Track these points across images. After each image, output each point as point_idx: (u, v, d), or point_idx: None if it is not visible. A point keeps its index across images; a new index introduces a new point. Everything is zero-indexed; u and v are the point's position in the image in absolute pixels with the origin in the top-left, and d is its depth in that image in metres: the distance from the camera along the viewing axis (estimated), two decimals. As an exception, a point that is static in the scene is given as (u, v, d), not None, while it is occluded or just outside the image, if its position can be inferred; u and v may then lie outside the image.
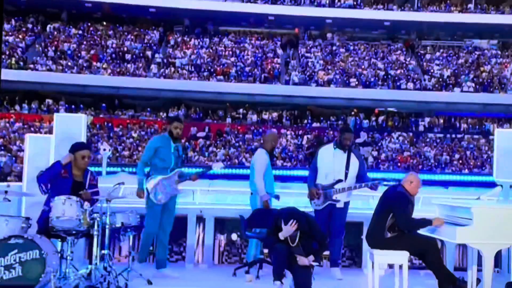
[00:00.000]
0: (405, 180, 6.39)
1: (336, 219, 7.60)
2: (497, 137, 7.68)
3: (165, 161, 7.26)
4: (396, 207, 6.17)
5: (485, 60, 36.65)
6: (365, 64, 35.97)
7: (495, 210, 5.87)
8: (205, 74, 34.56)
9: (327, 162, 7.56)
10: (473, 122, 34.24)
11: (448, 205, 6.42)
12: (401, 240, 6.18)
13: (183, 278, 7.31)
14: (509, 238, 5.86)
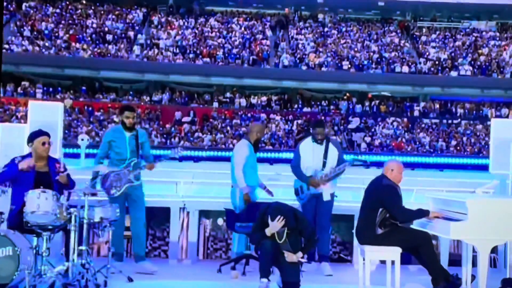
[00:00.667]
0: (386, 169, 6.38)
1: (323, 212, 7.66)
2: (494, 127, 7.69)
3: (120, 154, 7.29)
4: (386, 202, 6.18)
5: (483, 42, 36.75)
6: (358, 47, 35.95)
7: (490, 204, 5.88)
8: (191, 56, 34.41)
9: (307, 156, 7.69)
10: (470, 107, 34.40)
11: (442, 199, 6.43)
12: (393, 236, 6.19)
13: (166, 274, 7.28)
14: (505, 233, 5.88)
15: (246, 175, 7.62)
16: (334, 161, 7.69)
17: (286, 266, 6.24)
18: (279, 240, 6.26)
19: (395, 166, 6.38)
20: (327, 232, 7.70)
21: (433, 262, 6.18)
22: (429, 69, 34.33)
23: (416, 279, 7.06)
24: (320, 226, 7.60)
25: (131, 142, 7.33)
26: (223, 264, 7.43)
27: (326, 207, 7.66)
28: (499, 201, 5.91)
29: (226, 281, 7.06)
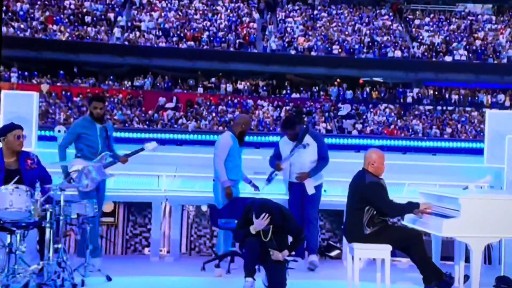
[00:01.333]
0: (366, 162, 6.32)
1: (309, 205, 7.71)
2: (489, 118, 7.72)
3: (92, 147, 7.26)
4: (372, 200, 6.16)
5: (479, 26, 36.85)
6: (349, 30, 35.93)
7: (484, 201, 5.91)
8: (174, 39, 34.22)
9: (284, 152, 7.79)
10: (465, 93, 34.55)
11: (434, 195, 6.45)
12: (383, 234, 6.18)
13: (147, 272, 7.27)
14: (499, 231, 5.93)
15: (229, 169, 7.62)
16: (312, 153, 7.70)
17: (272, 265, 6.25)
18: (264, 238, 6.26)
19: (376, 158, 6.32)
20: (315, 225, 7.74)
21: (425, 261, 6.19)
22: (423, 53, 34.40)
23: (406, 277, 7.09)
24: (307, 219, 7.65)
25: (102, 134, 7.30)
26: (207, 261, 7.42)
27: (312, 199, 7.70)
28: (493, 198, 5.95)
29: (210, 279, 7.04)
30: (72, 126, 7.52)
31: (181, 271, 7.43)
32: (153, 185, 8.15)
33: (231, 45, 34.26)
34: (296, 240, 6.39)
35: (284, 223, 6.29)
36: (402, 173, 8.78)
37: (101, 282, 6.59)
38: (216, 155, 7.63)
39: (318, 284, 7.15)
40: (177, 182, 8.24)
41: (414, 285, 6.66)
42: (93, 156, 7.23)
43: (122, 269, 7.33)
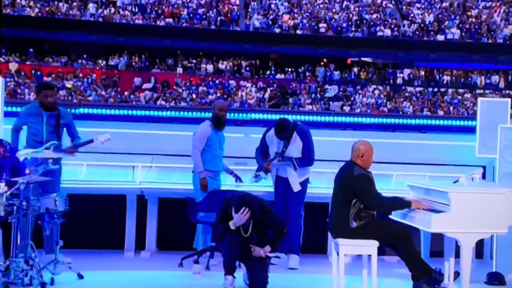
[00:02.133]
0: (355, 154, 6.32)
1: (292, 200, 7.71)
2: (481, 107, 7.74)
3: (36, 135, 7.19)
4: (360, 193, 6.17)
5: (473, 3, 36.92)
6: (336, 8, 35.84)
7: (475, 195, 5.94)
8: (152, 16, 33.95)
9: (271, 146, 7.80)
10: (458, 74, 34.69)
11: (423, 188, 6.48)
12: (369, 230, 6.20)
13: (121, 269, 7.26)
14: (491, 226, 5.97)
15: (208, 159, 7.61)
16: (297, 152, 7.71)
17: (252, 261, 6.27)
18: (244, 233, 6.27)
19: (365, 151, 6.32)
20: (298, 222, 7.73)
21: (413, 258, 6.22)
22: (414, 32, 34.43)
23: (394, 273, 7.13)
24: (290, 216, 7.64)
25: (50, 121, 7.21)
26: (185, 257, 7.41)
27: (296, 195, 7.70)
28: (484, 192, 5.96)
29: (187, 276, 7.03)
30: (19, 112, 7.45)
31: (157, 268, 7.42)
32: (127, 176, 8.11)
33: (212, 23, 34.05)
34: (278, 235, 6.39)
35: (265, 217, 6.29)
36: (391, 152, 8.81)
37: (72, 280, 6.55)
38: (193, 145, 7.63)
39: (302, 279, 7.18)
40: (153, 174, 8.20)
41: (402, 280, 6.69)
42: (38, 145, 7.11)
43: (95, 265, 7.30)
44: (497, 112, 7.69)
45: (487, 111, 7.71)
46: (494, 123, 7.58)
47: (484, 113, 7.72)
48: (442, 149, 9.36)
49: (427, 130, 10.52)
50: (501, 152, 7.30)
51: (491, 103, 7.85)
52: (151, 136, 9.75)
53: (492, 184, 7.07)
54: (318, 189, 7.98)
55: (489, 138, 7.60)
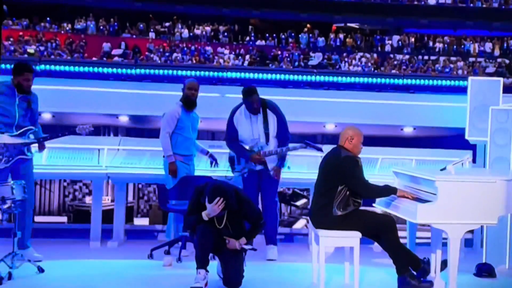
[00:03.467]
0: (343, 138, 6.32)
1: (267, 188, 7.71)
2: (471, 87, 7.73)
3: (6, 117, 6.98)
4: (346, 176, 6.16)
5: (467, -36, 36.81)
6: (321, -33, 35.58)
7: (463, 184, 5.93)
8: (121, -24, 33.51)
9: (244, 130, 7.70)
10: (450, 41, 34.72)
11: (409, 175, 6.47)
12: (352, 219, 6.20)
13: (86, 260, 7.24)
14: (480, 216, 5.96)
15: (179, 143, 7.58)
16: (274, 130, 7.70)
17: (227, 254, 6.26)
18: (218, 225, 6.25)
19: (355, 135, 6.33)
20: (274, 211, 7.74)
21: (398, 250, 6.23)
22: (404, -5, 34.34)
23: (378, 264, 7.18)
24: (265, 204, 7.65)
25: (22, 105, 7.04)
26: (155, 248, 7.40)
27: (270, 182, 7.69)
28: (472, 180, 5.95)
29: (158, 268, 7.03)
30: None
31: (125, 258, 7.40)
32: (92, 160, 8.04)
33: (186, -16, 33.71)
34: (254, 226, 6.39)
35: (241, 208, 6.27)
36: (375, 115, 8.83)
37: (31, 274, 6.50)
38: (161, 128, 7.59)
39: (280, 269, 7.22)
40: (121, 157, 8.14)
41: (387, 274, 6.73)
42: (7, 128, 6.93)
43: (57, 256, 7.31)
44: (489, 92, 7.70)
45: (478, 91, 7.71)
46: (485, 104, 7.61)
47: (475, 93, 7.72)
48: (431, 110, 9.38)
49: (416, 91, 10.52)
50: (492, 136, 7.32)
51: (482, 82, 7.84)
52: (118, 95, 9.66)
53: (482, 170, 7.09)
54: (299, 174, 7.98)
55: (480, 120, 7.62)
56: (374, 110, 9.08)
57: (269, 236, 7.72)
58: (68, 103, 8.76)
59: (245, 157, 7.65)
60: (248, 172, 7.67)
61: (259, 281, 6.49)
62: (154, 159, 8.00)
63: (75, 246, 7.92)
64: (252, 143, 7.65)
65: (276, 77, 9.98)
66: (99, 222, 8.03)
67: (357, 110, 9.18)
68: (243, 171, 7.71)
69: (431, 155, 8.19)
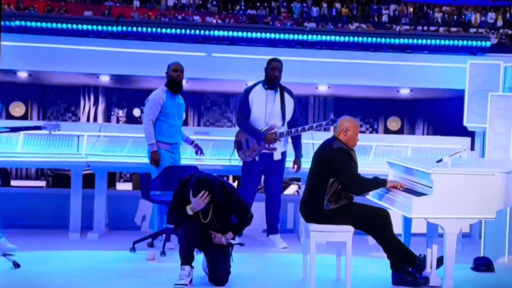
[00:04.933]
0: (339, 129, 6.34)
1: (273, 174, 7.76)
2: (469, 71, 7.70)
3: None
4: (336, 168, 6.17)
5: None
6: None
7: (460, 177, 5.92)
8: None
9: (259, 107, 7.68)
10: (450, 11, 34.62)
11: (404, 166, 6.47)
12: (345, 212, 6.21)
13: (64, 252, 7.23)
14: (477, 210, 5.97)
15: (164, 130, 7.55)
16: (290, 114, 7.76)
17: (213, 249, 6.26)
18: (204, 219, 6.25)
19: (351, 125, 6.33)
20: (278, 198, 7.79)
21: (392, 245, 6.26)
22: (402, -38, 34.17)
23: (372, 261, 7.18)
24: (270, 191, 7.70)
25: None
26: (138, 240, 7.40)
27: (277, 168, 7.77)
28: (470, 173, 5.94)
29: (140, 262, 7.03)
30: None
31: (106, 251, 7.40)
32: (71, 148, 7.99)
33: (172, -52, 33.42)
34: (241, 220, 6.39)
35: (227, 202, 6.26)
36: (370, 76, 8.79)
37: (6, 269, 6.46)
38: (144, 114, 7.57)
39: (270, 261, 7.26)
40: (102, 145, 8.09)
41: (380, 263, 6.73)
42: None
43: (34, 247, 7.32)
44: (488, 76, 7.68)
45: (477, 75, 7.68)
46: (485, 88, 7.59)
47: (473, 77, 7.69)
48: (429, 71, 9.35)
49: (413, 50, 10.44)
50: (491, 123, 7.31)
51: (481, 66, 7.80)
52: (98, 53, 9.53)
53: (480, 162, 7.08)
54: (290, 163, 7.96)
55: (479, 104, 7.61)
56: (369, 71, 9.05)
57: (273, 225, 7.80)
58: (46, 62, 8.65)
59: (259, 137, 7.63)
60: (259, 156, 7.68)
61: (246, 276, 6.49)
62: (137, 147, 7.96)
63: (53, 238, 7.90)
64: (265, 126, 7.67)
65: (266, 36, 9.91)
66: (78, 214, 8.00)
67: (351, 70, 9.14)
68: (254, 155, 7.69)
69: (427, 143, 8.17)
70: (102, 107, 10.00)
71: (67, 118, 9.64)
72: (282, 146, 7.74)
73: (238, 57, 9.07)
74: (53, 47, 8.75)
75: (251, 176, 7.72)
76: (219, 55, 8.46)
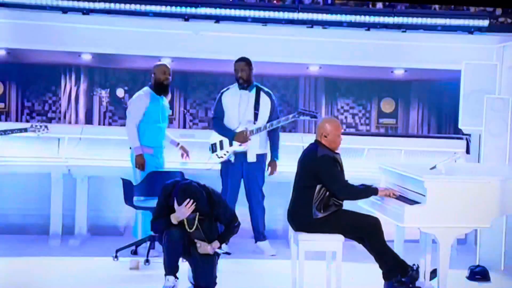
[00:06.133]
0: (319, 133, 6.35)
1: (250, 179, 7.78)
2: (464, 71, 7.70)
3: None
4: (323, 177, 6.18)
5: None
6: None
7: (455, 185, 5.91)
8: None
9: (232, 107, 7.77)
10: None
11: (397, 173, 6.47)
12: (334, 221, 6.21)
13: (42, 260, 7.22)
14: (472, 219, 5.95)
15: (148, 133, 7.54)
16: (266, 114, 7.77)
17: (198, 259, 6.26)
18: (189, 228, 6.24)
19: (331, 129, 6.32)
20: (260, 203, 7.81)
21: (384, 254, 6.27)
22: None
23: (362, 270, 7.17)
24: (250, 197, 7.72)
25: None
26: (121, 248, 7.39)
27: (254, 172, 7.75)
28: (464, 181, 5.95)
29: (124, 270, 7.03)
30: None
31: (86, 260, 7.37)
32: (51, 151, 7.95)
33: None
34: (228, 228, 6.40)
35: (213, 210, 6.27)
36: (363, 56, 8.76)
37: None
38: (127, 117, 7.55)
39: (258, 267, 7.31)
40: (83, 147, 8.06)
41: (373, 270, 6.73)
42: None
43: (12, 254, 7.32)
44: (484, 77, 7.68)
45: (472, 76, 7.68)
46: (480, 89, 7.60)
47: (469, 78, 7.69)
48: (425, 50, 9.32)
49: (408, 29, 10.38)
50: (487, 126, 7.31)
51: (477, 66, 7.78)
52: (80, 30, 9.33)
53: (475, 168, 7.06)
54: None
55: (474, 107, 7.61)
56: (362, 51, 8.96)
57: (260, 232, 7.84)
58: (25, 39, 8.52)
59: (229, 136, 7.69)
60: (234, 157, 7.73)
61: (233, 286, 6.53)
62: (119, 149, 7.92)
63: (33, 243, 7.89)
64: (239, 127, 7.72)
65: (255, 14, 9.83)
66: (59, 220, 7.99)
67: (343, 50, 9.04)
68: (227, 156, 7.74)
69: (421, 146, 8.18)
70: (84, 87, 9.89)
71: (47, 98, 9.50)
72: (257, 147, 7.75)
73: (226, 36, 8.98)
74: (32, 24, 8.60)
75: (229, 179, 7.77)
76: (207, 33, 8.40)
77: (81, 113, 8.61)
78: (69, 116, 8.27)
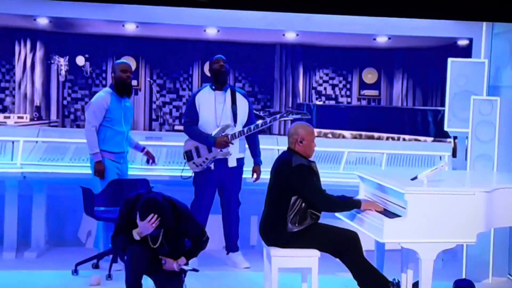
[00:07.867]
0: (292, 140, 6.33)
1: (228, 185, 7.79)
2: (451, 70, 7.69)
3: None
4: (299, 188, 6.16)
5: None
6: None
7: (437, 197, 5.89)
8: None
9: (207, 110, 7.69)
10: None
11: (376, 183, 6.46)
12: (310, 235, 6.21)
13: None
14: (456, 234, 5.93)
15: (109, 137, 7.49)
16: (245, 116, 7.77)
17: (163, 277, 6.24)
18: (153, 244, 6.20)
19: (305, 135, 6.30)
20: (235, 210, 7.83)
21: (362, 270, 6.26)
22: None
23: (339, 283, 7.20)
24: (227, 206, 7.72)
25: None
26: (80, 262, 7.37)
27: (233, 177, 7.78)
28: (447, 193, 5.93)
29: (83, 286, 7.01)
30: None
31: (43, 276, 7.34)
32: (5, 156, 7.88)
33: None
34: (196, 244, 6.37)
35: (179, 224, 6.23)
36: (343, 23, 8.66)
37: None
38: (86, 120, 7.48)
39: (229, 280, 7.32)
40: (40, 152, 8.00)
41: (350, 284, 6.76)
42: None
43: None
44: (471, 76, 7.68)
45: (459, 75, 7.68)
46: (468, 89, 7.61)
47: (455, 77, 7.69)
48: None
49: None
50: (474, 131, 7.32)
51: (464, 64, 7.78)
52: None
53: (460, 177, 7.05)
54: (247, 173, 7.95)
55: (461, 107, 7.61)
56: (342, 17, 8.85)
57: (233, 242, 7.86)
58: None
59: (209, 142, 7.61)
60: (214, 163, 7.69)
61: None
62: (80, 155, 7.87)
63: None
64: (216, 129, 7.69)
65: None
66: (14, 230, 7.94)
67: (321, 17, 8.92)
68: (207, 164, 7.67)
69: (404, 149, 8.18)
70: (40, 54, 9.71)
71: (0, 66, 9.33)
72: (237, 151, 7.73)
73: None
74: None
75: (206, 188, 7.71)
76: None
77: (37, 83, 8.47)
78: (24, 87, 8.12)
